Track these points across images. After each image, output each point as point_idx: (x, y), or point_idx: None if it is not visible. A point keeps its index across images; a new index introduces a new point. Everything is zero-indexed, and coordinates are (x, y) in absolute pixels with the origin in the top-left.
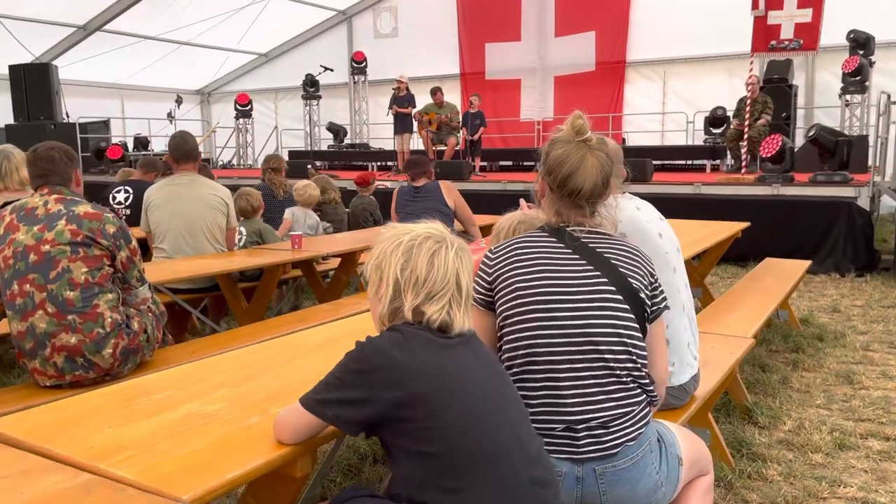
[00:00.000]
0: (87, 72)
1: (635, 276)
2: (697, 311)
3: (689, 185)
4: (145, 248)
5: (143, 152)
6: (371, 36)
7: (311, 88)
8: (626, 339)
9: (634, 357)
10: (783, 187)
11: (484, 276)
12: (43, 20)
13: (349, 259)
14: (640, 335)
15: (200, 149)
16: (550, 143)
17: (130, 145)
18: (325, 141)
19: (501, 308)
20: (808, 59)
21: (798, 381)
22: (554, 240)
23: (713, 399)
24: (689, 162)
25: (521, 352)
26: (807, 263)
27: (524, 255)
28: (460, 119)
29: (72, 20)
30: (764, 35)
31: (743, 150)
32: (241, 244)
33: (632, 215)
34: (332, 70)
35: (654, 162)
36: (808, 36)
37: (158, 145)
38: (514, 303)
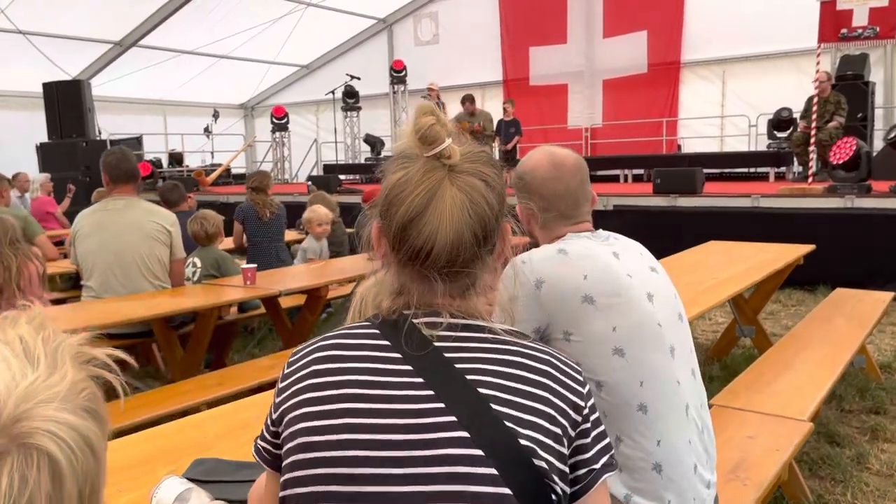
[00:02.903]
0: (129, 88)
1: (530, 420)
2: (750, 358)
3: (746, 198)
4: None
5: (178, 168)
6: (412, 44)
7: (350, 100)
8: None
9: None
10: (858, 199)
11: (271, 410)
12: (79, 37)
13: (316, 295)
14: None
15: (241, 162)
16: (391, 160)
17: (166, 162)
18: (366, 153)
19: (283, 475)
20: (886, 52)
21: (877, 458)
22: (386, 343)
23: None
24: (751, 170)
25: None
26: (889, 296)
27: (326, 375)
28: (495, 127)
29: (107, 36)
30: (833, 23)
31: (811, 156)
32: (196, 278)
33: (604, 267)
34: (359, 79)
35: (712, 171)
36: (884, 22)
37: (193, 161)
38: (295, 474)
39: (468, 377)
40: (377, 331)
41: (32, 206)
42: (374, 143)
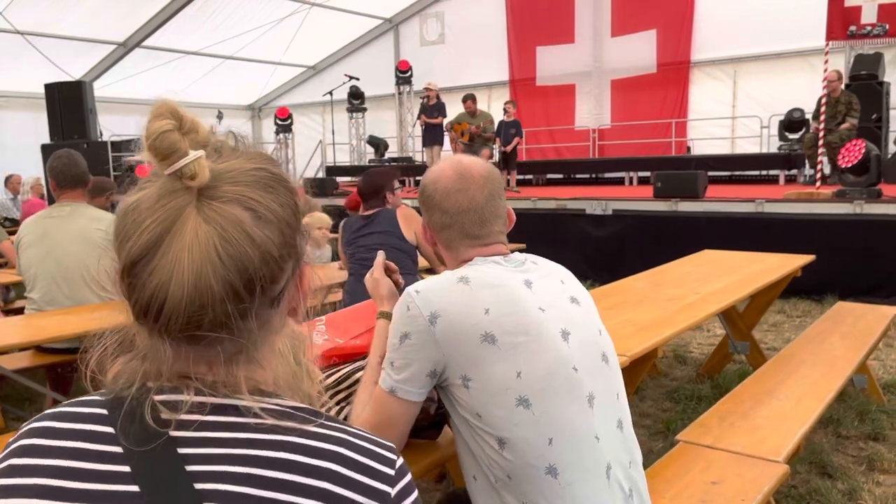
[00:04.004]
0: (135, 90)
1: None
2: (744, 376)
3: (750, 203)
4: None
5: None
6: (418, 44)
7: (356, 101)
8: None
9: None
10: (868, 204)
11: None
12: (82, 38)
13: None
14: None
15: None
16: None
17: None
18: (371, 154)
19: None
20: None
21: (871, 493)
22: (108, 431)
23: None
24: (762, 172)
25: None
26: (893, 311)
27: (18, 475)
28: (495, 128)
29: (111, 37)
30: (841, 21)
31: (819, 159)
32: None
33: (509, 298)
34: (357, 79)
35: (721, 174)
36: (894, 20)
37: None
38: None
39: (198, 486)
40: (104, 410)
41: (24, 207)
42: (378, 144)
